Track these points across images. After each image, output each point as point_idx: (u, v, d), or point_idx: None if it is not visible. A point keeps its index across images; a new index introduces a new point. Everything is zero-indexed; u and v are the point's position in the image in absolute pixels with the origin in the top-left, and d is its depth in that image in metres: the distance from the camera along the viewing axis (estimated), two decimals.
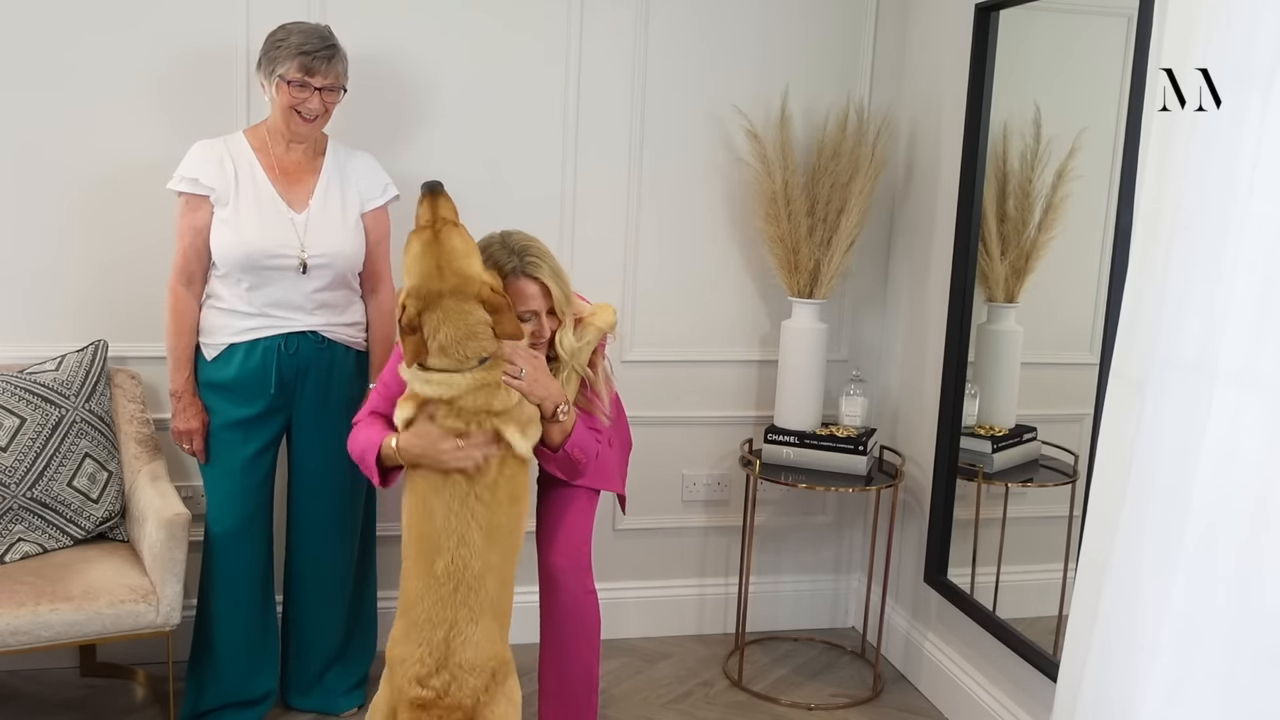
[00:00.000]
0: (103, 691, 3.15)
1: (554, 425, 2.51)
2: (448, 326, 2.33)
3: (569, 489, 2.70)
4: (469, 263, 2.35)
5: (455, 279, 2.32)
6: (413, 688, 2.32)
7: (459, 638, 2.34)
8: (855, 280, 3.64)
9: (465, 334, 2.33)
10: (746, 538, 3.49)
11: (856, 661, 3.60)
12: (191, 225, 2.78)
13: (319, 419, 2.88)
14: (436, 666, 2.32)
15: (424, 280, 2.33)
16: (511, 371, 2.40)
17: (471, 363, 2.35)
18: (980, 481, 3.14)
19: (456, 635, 2.34)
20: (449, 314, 2.32)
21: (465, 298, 2.33)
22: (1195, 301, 1.88)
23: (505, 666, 2.42)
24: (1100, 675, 2.05)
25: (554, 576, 2.68)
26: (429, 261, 2.33)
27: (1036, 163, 3.01)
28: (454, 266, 2.33)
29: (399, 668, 2.36)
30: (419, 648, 2.33)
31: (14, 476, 2.77)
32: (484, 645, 2.36)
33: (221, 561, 2.88)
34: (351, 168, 2.91)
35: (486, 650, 2.37)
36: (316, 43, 2.71)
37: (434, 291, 2.32)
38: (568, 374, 2.57)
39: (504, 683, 2.40)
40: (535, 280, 2.49)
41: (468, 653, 2.34)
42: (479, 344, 2.35)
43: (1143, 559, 1.96)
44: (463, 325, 2.33)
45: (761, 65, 3.47)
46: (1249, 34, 1.78)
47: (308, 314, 2.84)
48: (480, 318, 2.34)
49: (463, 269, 2.33)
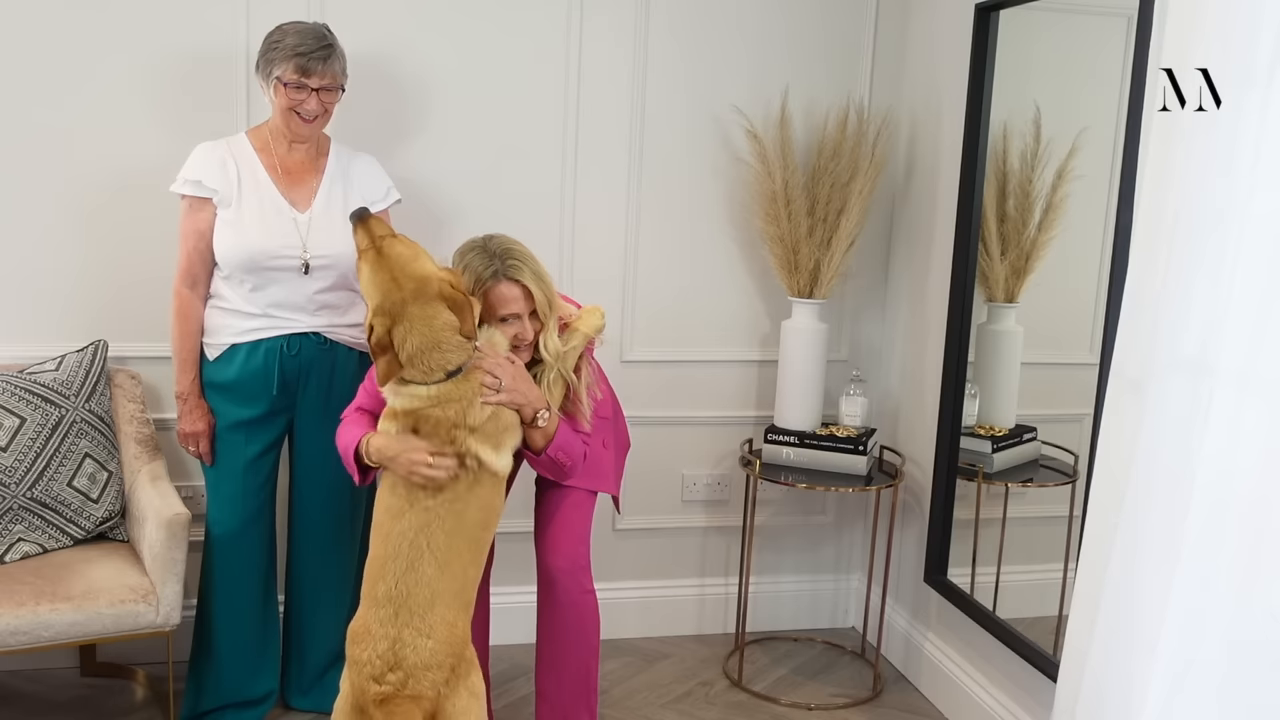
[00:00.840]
0: (103, 691, 3.15)
1: (535, 430, 2.51)
2: (414, 335, 2.33)
3: (566, 489, 2.70)
4: (419, 264, 2.37)
5: (412, 283, 2.34)
6: (371, 685, 2.34)
7: (406, 648, 2.34)
8: (855, 280, 3.64)
9: (430, 343, 2.34)
10: (746, 538, 3.49)
11: (856, 661, 3.60)
12: (195, 227, 2.78)
13: (321, 420, 2.88)
14: (389, 668, 2.34)
15: (384, 295, 2.34)
16: (490, 384, 2.40)
17: (437, 374, 2.35)
18: (980, 481, 3.14)
19: (403, 647, 2.34)
20: (415, 321, 2.33)
21: (428, 299, 2.34)
22: (1195, 301, 1.88)
23: (466, 662, 2.42)
24: (1100, 675, 2.05)
25: (552, 577, 2.67)
26: (383, 275, 2.35)
27: (1036, 163, 3.01)
28: (407, 272, 2.34)
29: (354, 668, 2.37)
30: (369, 650, 2.35)
31: (14, 476, 2.77)
32: (438, 649, 2.35)
33: (223, 562, 2.88)
34: (355, 170, 2.90)
35: (442, 651, 2.36)
36: (312, 43, 2.70)
37: (396, 302, 2.33)
38: (553, 377, 2.57)
39: (466, 676, 2.40)
40: (517, 283, 2.49)
41: (421, 656, 2.34)
42: (444, 355, 2.35)
43: (1143, 559, 1.96)
44: (428, 332, 2.33)
45: (761, 65, 3.47)
46: (1249, 34, 1.78)
47: (310, 315, 2.84)
48: (446, 321, 2.34)
49: (415, 271, 2.35)
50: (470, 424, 2.38)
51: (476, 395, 2.39)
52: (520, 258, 2.51)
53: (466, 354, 2.38)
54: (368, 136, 3.11)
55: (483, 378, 2.39)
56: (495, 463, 2.43)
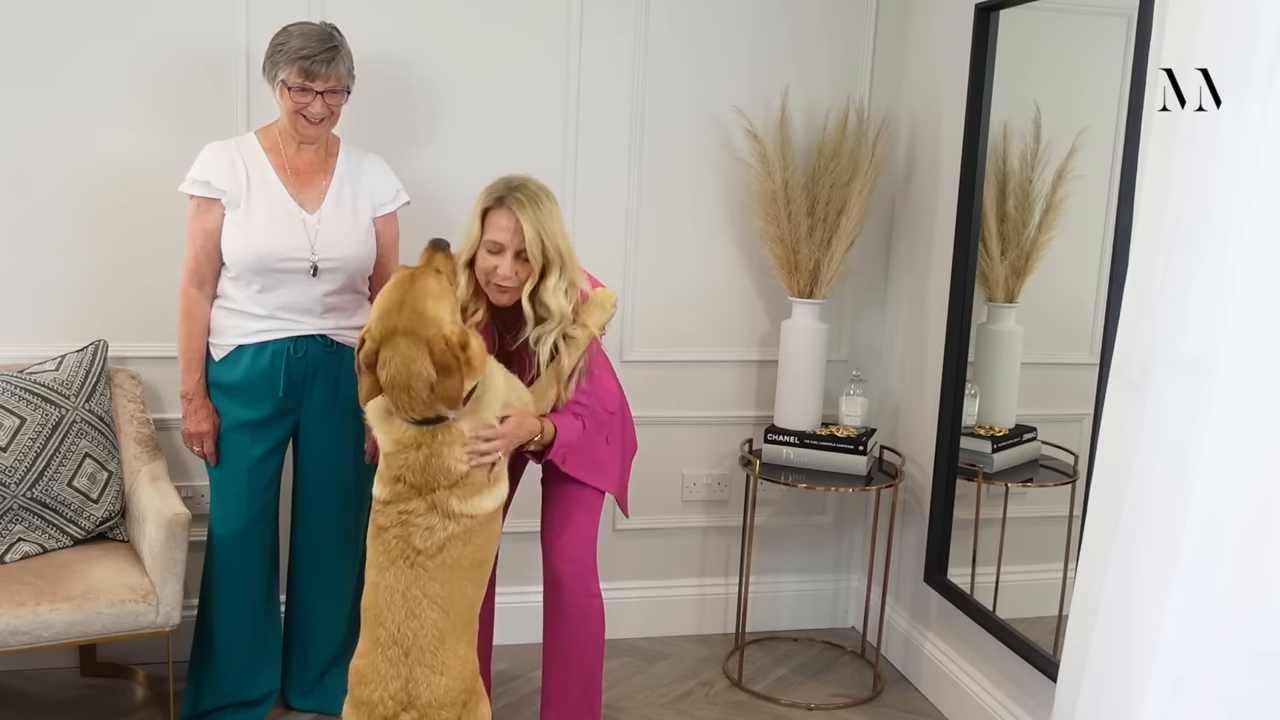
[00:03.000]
0: (103, 691, 3.15)
1: (530, 449, 2.51)
2: (390, 366, 2.22)
3: (573, 490, 2.68)
4: (432, 306, 2.24)
5: (412, 315, 2.22)
6: None
7: (420, 686, 2.23)
8: (855, 280, 3.64)
9: (400, 383, 2.22)
10: (746, 538, 3.49)
11: (856, 661, 3.60)
12: (203, 228, 2.77)
13: (326, 421, 2.88)
14: (402, 708, 2.23)
15: (383, 314, 2.24)
16: (481, 459, 2.31)
17: (406, 415, 2.26)
18: (980, 481, 3.14)
19: (417, 685, 2.23)
20: (397, 351, 2.21)
21: (416, 340, 2.21)
22: (1195, 301, 1.88)
23: (476, 695, 2.33)
24: (1100, 675, 2.05)
25: (558, 579, 2.67)
26: (394, 296, 2.25)
27: (1036, 163, 3.01)
28: (416, 305, 2.22)
29: (363, 709, 2.25)
30: (379, 691, 2.24)
31: (14, 476, 2.77)
32: (452, 685, 2.26)
33: (225, 562, 2.88)
34: (364, 171, 2.90)
35: (456, 687, 2.26)
36: (316, 46, 2.69)
37: (389, 326, 2.23)
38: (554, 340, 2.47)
39: (475, 709, 2.32)
40: (512, 214, 2.41)
41: (436, 694, 2.24)
42: (410, 400, 2.23)
43: (1143, 559, 1.96)
44: (402, 369, 2.21)
45: (761, 65, 3.47)
46: (1249, 34, 1.78)
47: (317, 317, 2.83)
48: (421, 370, 2.21)
49: (423, 309, 2.23)
50: (445, 482, 2.26)
51: (451, 449, 2.27)
52: (530, 196, 2.42)
53: (435, 412, 2.25)
54: (364, 138, 3.10)
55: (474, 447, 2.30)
56: (480, 509, 2.31)
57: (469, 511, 2.29)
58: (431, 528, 2.26)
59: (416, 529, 2.26)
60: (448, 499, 2.27)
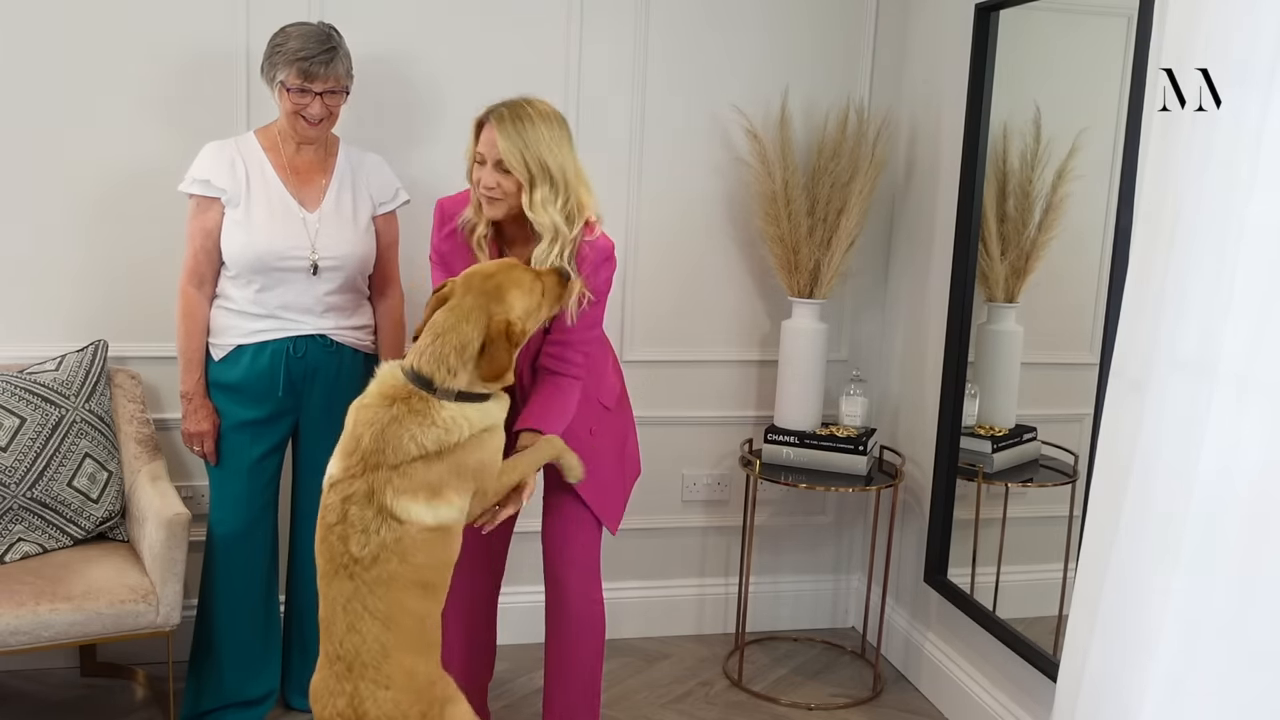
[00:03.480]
0: (103, 691, 3.15)
1: None
2: (448, 310, 2.25)
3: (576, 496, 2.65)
4: (516, 294, 2.29)
5: (494, 290, 2.26)
6: None
7: (366, 701, 2.15)
8: (855, 280, 3.64)
9: (440, 329, 2.22)
10: (746, 538, 3.49)
11: (856, 661, 3.60)
12: (202, 227, 2.77)
13: (326, 421, 2.86)
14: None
15: (472, 275, 2.30)
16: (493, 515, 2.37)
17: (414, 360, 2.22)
18: (980, 481, 3.14)
19: (363, 701, 2.15)
20: (461, 305, 2.25)
21: (478, 307, 2.24)
22: (1195, 301, 1.88)
23: (439, 703, 2.21)
24: (1100, 675, 2.05)
25: (561, 583, 2.66)
26: (491, 268, 2.32)
27: (1036, 163, 3.01)
28: (502, 284, 2.28)
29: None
30: (329, 709, 2.17)
31: (14, 476, 2.77)
32: (401, 699, 2.16)
33: (225, 562, 2.88)
34: (364, 171, 2.90)
35: (405, 700, 2.15)
36: (314, 47, 2.69)
37: (471, 286, 2.27)
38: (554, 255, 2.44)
39: (446, 711, 2.23)
40: (492, 128, 2.44)
41: (384, 709, 2.15)
42: (438, 351, 2.21)
43: (1143, 559, 1.97)
44: (452, 321, 2.23)
45: (761, 65, 3.47)
46: (1249, 34, 1.78)
47: (317, 317, 2.83)
48: (466, 333, 2.22)
49: (506, 292, 2.27)
50: (392, 458, 2.15)
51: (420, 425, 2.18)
52: (514, 111, 2.45)
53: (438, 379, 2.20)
54: (363, 138, 3.10)
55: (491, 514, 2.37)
56: (410, 513, 2.16)
57: (399, 512, 2.15)
58: (367, 528, 2.15)
59: (354, 529, 2.15)
60: (385, 486, 2.15)
